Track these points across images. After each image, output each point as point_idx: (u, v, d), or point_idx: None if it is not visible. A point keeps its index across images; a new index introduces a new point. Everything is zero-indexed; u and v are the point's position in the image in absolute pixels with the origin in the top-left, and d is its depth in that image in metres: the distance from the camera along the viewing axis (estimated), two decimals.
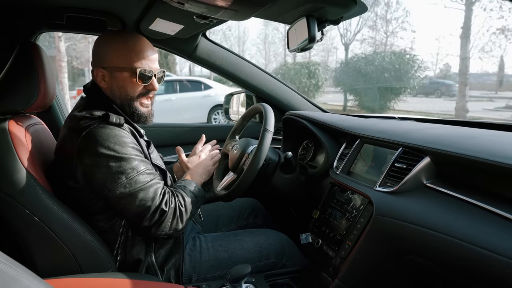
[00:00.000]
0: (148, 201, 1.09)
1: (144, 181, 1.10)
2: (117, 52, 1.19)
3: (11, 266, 0.57)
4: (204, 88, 9.93)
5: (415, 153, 1.09)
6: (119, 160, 1.08)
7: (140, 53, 1.20)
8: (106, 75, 1.21)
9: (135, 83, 1.21)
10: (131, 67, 1.19)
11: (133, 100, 1.23)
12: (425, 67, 13.26)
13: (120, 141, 1.10)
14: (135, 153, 1.12)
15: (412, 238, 0.97)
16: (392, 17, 18.45)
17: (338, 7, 1.07)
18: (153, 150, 1.33)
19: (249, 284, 1.19)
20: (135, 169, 1.10)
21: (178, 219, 1.14)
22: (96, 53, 1.23)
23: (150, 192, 1.10)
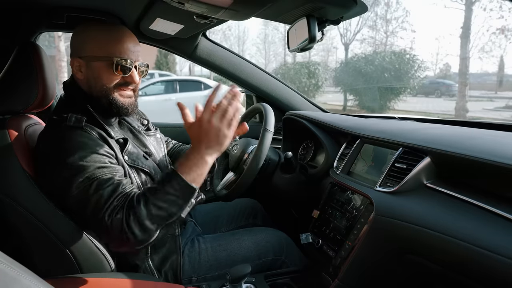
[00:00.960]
0: (96, 212, 0.99)
1: (94, 189, 0.99)
2: (95, 40, 1.12)
3: (11, 266, 0.56)
4: (204, 88, 9.93)
5: (415, 153, 1.09)
6: (71, 168, 1.00)
7: (120, 43, 1.12)
8: (83, 65, 1.13)
9: (112, 73, 1.11)
10: (108, 56, 1.10)
11: (110, 91, 1.13)
12: (425, 67, 13.25)
13: (75, 146, 1.02)
14: (91, 159, 1.02)
15: (412, 238, 0.97)
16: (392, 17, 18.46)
17: (338, 7, 1.07)
18: (133, 149, 1.19)
19: (249, 284, 1.19)
20: (86, 177, 1.00)
21: (127, 233, 0.97)
22: (74, 43, 1.15)
23: (100, 202, 0.98)
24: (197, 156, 1.04)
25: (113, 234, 0.98)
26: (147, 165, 1.21)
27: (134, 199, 0.99)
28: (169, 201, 1.00)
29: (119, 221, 0.97)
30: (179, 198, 1.02)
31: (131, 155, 1.16)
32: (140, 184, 1.17)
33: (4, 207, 1.06)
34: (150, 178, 1.21)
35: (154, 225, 1.00)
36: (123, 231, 0.96)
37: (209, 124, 1.03)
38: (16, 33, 1.53)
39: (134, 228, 0.97)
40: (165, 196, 1.00)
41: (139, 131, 1.32)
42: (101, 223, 0.98)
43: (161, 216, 1.00)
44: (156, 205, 0.99)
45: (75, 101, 1.15)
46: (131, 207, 0.98)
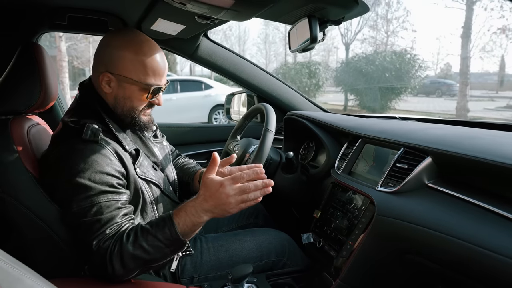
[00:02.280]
0: (86, 236, 0.98)
1: (93, 214, 0.99)
2: (132, 62, 1.09)
3: (14, 266, 0.57)
4: (204, 88, 9.94)
5: (416, 153, 1.09)
6: (76, 186, 0.99)
7: (157, 71, 1.12)
8: (113, 81, 1.11)
9: (144, 98, 1.13)
10: (145, 83, 1.11)
11: (137, 112, 1.16)
12: (426, 66, 13.26)
13: (86, 163, 1.01)
14: (100, 179, 1.01)
15: (414, 238, 0.98)
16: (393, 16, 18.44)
17: (339, 7, 1.07)
18: (144, 160, 1.19)
19: (250, 284, 1.19)
20: (89, 199, 0.99)
21: (107, 264, 0.96)
22: (105, 55, 1.12)
23: (93, 228, 0.98)
24: (198, 214, 1.00)
25: (95, 261, 0.98)
26: (156, 176, 1.21)
27: (125, 235, 0.98)
28: (156, 247, 0.98)
29: (104, 250, 0.96)
30: (167, 247, 0.99)
31: (142, 167, 1.16)
32: (151, 196, 1.17)
33: (6, 206, 1.06)
34: (159, 189, 1.20)
35: (134, 265, 0.98)
36: (104, 261, 0.96)
37: (226, 196, 0.98)
38: (18, 33, 1.53)
39: (115, 262, 0.96)
40: (154, 242, 0.98)
41: (148, 138, 1.31)
42: (87, 246, 0.98)
43: (145, 258, 0.98)
44: (142, 247, 0.97)
45: (93, 109, 1.14)
46: (119, 241, 0.97)
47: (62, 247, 1.08)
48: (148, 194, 1.16)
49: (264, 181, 1.01)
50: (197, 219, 1.00)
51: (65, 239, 1.07)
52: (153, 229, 0.99)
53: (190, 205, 1.01)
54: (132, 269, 0.98)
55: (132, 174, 1.10)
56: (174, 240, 0.98)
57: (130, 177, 1.10)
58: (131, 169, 1.11)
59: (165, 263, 1.02)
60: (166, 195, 1.24)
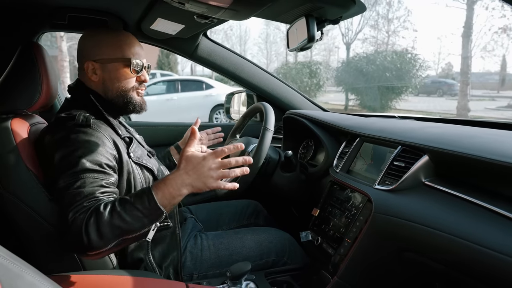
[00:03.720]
0: (64, 208, 0.98)
1: (75, 187, 0.99)
2: (109, 43, 1.19)
3: (15, 262, 0.57)
4: (205, 88, 9.95)
5: (414, 151, 1.09)
6: (66, 164, 1.02)
7: (131, 46, 1.21)
8: (97, 68, 1.19)
9: (129, 73, 1.20)
10: (124, 58, 1.18)
11: (127, 91, 1.21)
12: (426, 66, 13.25)
13: (78, 144, 1.04)
14: (90, 159, 1.03)
15: (411, 235, 0.98)
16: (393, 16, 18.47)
17: (337, 6, 1.07)
18: (138, 148, 1.24)
19: (249, 281, 1.20)
20: (76, 175, 1.00)
21: (82, 235, 0.93)
22: (85, 47, 1.21)
23: (72, 200, 0.98)
24: (177, 185, 1.01)
25: (71, 232, 0.95)
26: (151, 163, 1.25)
27: (102, 205, 0.98)
28: (134, 216, 0.98)
29: (80, 220, 0.95)
30: (144, 216, 0.98)
31: (136, 152, 1.21)
32: (144, 181, 1.20)
33: (7, 204, 1.07)
34: (153, 176, 1.23)
35: (112, 235, 0.96)
36: (80, 231, 0.94)
37: (208, 170, 1.01)
38: (18, 33, 1.54)
39: (91, 232, 0.94)
40: (132, 211, 0.98)
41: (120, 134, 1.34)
42: (64, 218, 0.97)
43: (122, 228, 0.96)
44: (120, 216, 0.96)
45: (84, 102, 1.19)
46: (95, 210, 0.96)
47: None
48: (141, 179, 1.19)
49: (244, 157, 1.04)
50: (177, 192, 1.01)
51: None
52: (131, 199, 0.99)
53: (170, 177, 1.02)
54: (109, 239, 0.95)
55: (125, 159, 1.14)
56: (152, 209, 0.98)
57: (123, 161, 1.13)
58: (124, 154, 1.15)
59: (142, 234, 1.00)
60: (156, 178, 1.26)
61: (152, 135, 1.52)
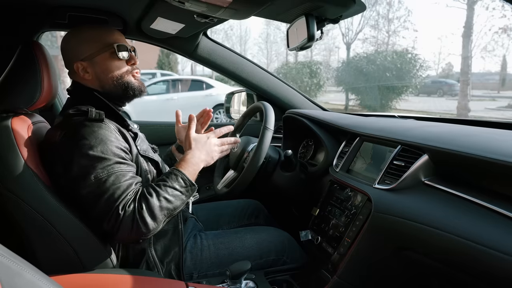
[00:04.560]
0: (109, 204, 1.04)
1: (111, 183, 1.05)
2: (89, 38, 1.20)
3: (14, 260, 0.58)
4: (206, 88, 9.95)
5: (413, 150, 1.10)
6: (91, 159, 1.05)
7: (112, 33, 1.22)
8: (87, 66, 1.20)
9: (117, 60, 1.21)
10: (107, 45, 1.19)
11: (122, 77, 1.23)
12: (427, 66, 13.25)
13: (97, 139, 1.08)
14: (112, 152, 1.08)
15: (410, 234, 0.98)
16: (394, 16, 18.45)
17: (337, 6, 1.08)
18: (143, 142, 1.28)
19: (249, 280, 1.20)
20: (105, 169, 1.06)
21: (139, 222, 1.03)
22: (69, 50, 1.23)
23: (115, 195, 1.04)
24: (195, 161, 1.20)
25: (124, 225, 1.03)
26: (156, 157, 1.29)
27: (146, 192, 1.08)
28: (175, 196, 1.11)
29: (131, 212, 1.04)
30: (183, 194, 1.14)
31: (141, 146, 1.24)
32: (149, 174, 1.23)
33: (7, 203, 1.07)
34: (157, 169, 1.27)
35: (163, 216, 1.08)
36: (135, 221, 1.03)
37: (213, 145, 1.25)
38: (19, 32, 1.54)
39: (146, 218, 1.04)
40: (173, 192, 1.11)
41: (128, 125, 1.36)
42: (113, 214, 1.03)
43: (169, 208, 1.09)
44: (166, 198, 1.09)
45: (88, 99, 1.20)
46: (143, 199, 1.06)
47: (62, 243, 1.09)
48: (145, 171, 1.22)
49: (236, 138, 1.33)
50: (196, 167, 1.20)
51: (65, 234, 1.08)
52: (168, 182, 1.13)
53: (188, 157, 1.20)
54: (161, 220, 1.08)
55: (134, 151, 1.19)
56: (188, 186, 1.15)
57: (133, 153, 1.18)
58: (134, 147, 1.20)
59: (183, 208, 1.17)
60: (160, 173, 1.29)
61: (152, 134, 1.52)
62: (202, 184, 2.10)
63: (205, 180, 2.04)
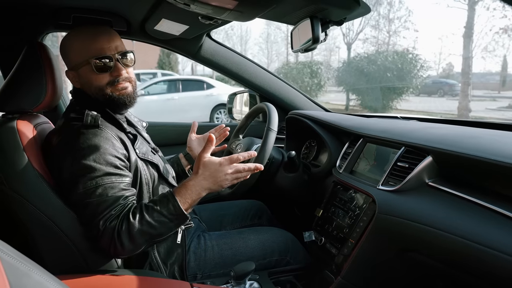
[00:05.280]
0: (93, 216, 1.03)
1: (98, 195, 1.03)
2: (73, 48, 1.17)
3: (22, 261, 0.58)
4: (206, 88, 9.95)
5: (417, 152, 1.10)
6: (82, 168, 1.04)
7: (93, 43, 1.14)
8: (75, 75, 1.19)
9: (95, 74, 1.14)
10: (86, 60, 1.13)
11: (104, 89, 1.16)
12: (427, 66, 13.25)
13: (90, 147, 1.06)
14: (104, 161, 1.06)
15: (414, 236, 0.99)
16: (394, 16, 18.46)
17: (341, 8, 1.08)
18: (142, 144, 1.24)
19: (253, 281, 1.21)
20: (94, 180, 1.04)
21: (116, 241, 1.01)
22: (62, 57, 1.22)
23: (99, 208, 1.03)
24: (196, 189, 1.10)
25: (103, 240, 1.03)
26: (156, 159, 1.26)
27: (131, 213, 1.04)
28: (162, 222, 1.06)
29: (111, 229, 1.02)
30: (171, 221, 1.07)
31: (141, 148, 1.22)
32: (149, 177, 1.21)
33: (13, 203, 1.08)
34: (157, 172, 1.25)
35: (142, 240, 1.05)
36: (113, 239, 1.01)
37: (224, 174, 1.10)
38: (23, 33, 1.55)
39: (124, 239, 1.02)
40: (159, 217, 1.05)
41: (143, 128, 1.40)
42: (94, 227, 1.03)
43: (151, 233, 1.05)
44: (149, 223, 1.04)
45: (87, 102, 1.19)
46: (125, 219, 1.03)
47: (67, 244, 1.09)
48: (146, 175, 1.20)
49: (256, 165, 1.14)
50: (196, 196, 1.10)
51: (70, 235, 1.09)
52: (157, 206, 1.06)
53: (190, 184, 1.10)
54: (141, 244, 1.05)
55: (133, 156, 1.16)
56: (178, 214, 1.06)
57: (131, 158, 1.15)
58: (132, 151, 1.16)
59: (169, 236, 1.11)
60: (163, 178, 1.27)
61: (156, 134, 1.52)
62: None
63: None
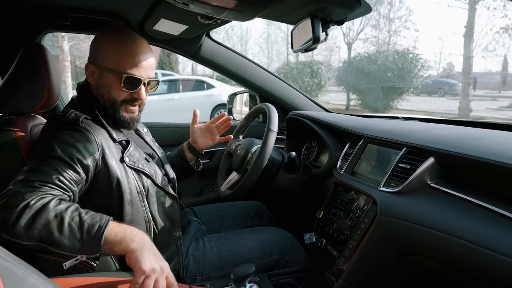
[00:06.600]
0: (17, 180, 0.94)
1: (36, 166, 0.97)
2: (108, 51, 1.15)
3: (18, 265, 0.57)
4: (206, 88, 9.96)
5: (419, 153, 1.09)
6: (41, 150, 1.03)
7: (131, 57, 1.13)
8: (95, 72, 1.17)
9: (120, 88, 1.14)
10: (118, 71, 1.13)
11: (117, 104, 1.17)
12: (428, 66, 13.24)
13: (60, 138, 1.04)
14: (63, 150, 1.01)
15: (416, 238, 0.98)
16: (395, 16, 18.48)
17: (342, 7, 1.07)
18: (134, 151, 1.20)
19: (253, 283, 1.20)
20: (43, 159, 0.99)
21: (15, 212, 0.87)
22: (91, 48, 1.19)
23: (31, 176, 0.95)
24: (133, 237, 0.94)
25: (7, 202, 0.89)
26: (148, 168, 1.21)
27: (55, 199, 0.93)
28: (73, 232, 0.90)
29: (20, 197, 0.90)
30: (80, 241, 0.90)
31: (132, 156, 1.18)
32: (141, 187, 1.17)
33: None
34: (150, 180, 1.20)
35: (39, 235, 0.88)
36: (14, 208, 0.88)
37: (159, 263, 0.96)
38: (22, 33, 1.54)
39: (24, 217, 0.87)
40: (76, 225, 0.91)
41: (146, 132, 1.39)
42: (12, 185, 0.93)
43: (53, 235, 0.88)
44: (62, 221, 0.90)
45: (85, 101, 1.19)
46: (45, 201, 0.91)
47: None
48: (137, 184, 1.16)
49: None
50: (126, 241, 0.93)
51: None
52: (86, 215, 0.93)
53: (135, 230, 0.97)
54: (33, 236, 0.87)
55: (112, 164, 1.10)
56: (93, 239, 0.90)
57: (108, 165, 1.09)
58: (112, 159, 1.11)
59: (64, 255, 0.90)
60: (159, 187, 1.23)
61: (156, 135, 1.51)
62: (205, 186, 2.10)
63: (208, 182, 2.03)
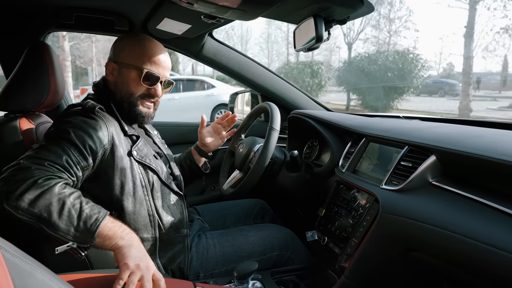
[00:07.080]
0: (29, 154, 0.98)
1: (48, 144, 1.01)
2: (131, 50, 1.22)
3: (26, 260, 0.58)
4: (207, 87, 9.96)
5: (420, 151, 1.10)
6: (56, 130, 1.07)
7: (152, 57, 1.22)
8: (115, 69, 1.23)
9: (139, 83, 1.21)
10: (139, 67, 1.20)
11: (134, 99, 1.23)
12: (428, 66, 13.24)
13: (75, 123, 1.07)
14: (76, 134, 1.04)
15: (418, 235, 0.98)
16: (395, 16, 18.49)
17: (345, 7, 1.08)
18: (143, 146, 1.23)
19: (255, 280, 1.21)
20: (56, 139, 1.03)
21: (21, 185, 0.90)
22: (114, 48, 1.26)
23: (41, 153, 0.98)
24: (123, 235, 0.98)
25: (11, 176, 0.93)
26: (156, 164, 1.24)
27: (62, 183, 0.96)
28: (70, 218, 0.93)
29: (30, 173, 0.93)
30: (75, 228, 0.93)
31: (140, 151, 1.21)
32: (146, 181, 1.19)
33: None
34: (156, 176, 1.23)
35: (39, 212, 0.91)
36: (22, 182, 0.91)
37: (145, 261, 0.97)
38: (26, 32, 1.55)
39: (30, 193, 0.90)
40: (75, 212, 0.94)
41: (156, 135, 1.43)
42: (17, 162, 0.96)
43: (52, 216, 0.92)
44: (63, 205, 0.93)
45: (100, 97, 1.23)
46: (53, 183, 0.94)
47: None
48: (142, 178, 1.18)
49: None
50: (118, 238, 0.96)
51: None
52: (87, 205, 0.97)
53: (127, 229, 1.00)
54: (33, 213, 0.91)
55: (120, 154, 1.14)
56: (88, 229, 0.93)
57: (115, 155, 1.13)
58: (120, 149, 1.15)
59: (58, 237, 0.94)
60: (165, 183, 1.26)
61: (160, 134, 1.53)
62: (208, 184, 2.10)
63: (211, 180, 2.04)
